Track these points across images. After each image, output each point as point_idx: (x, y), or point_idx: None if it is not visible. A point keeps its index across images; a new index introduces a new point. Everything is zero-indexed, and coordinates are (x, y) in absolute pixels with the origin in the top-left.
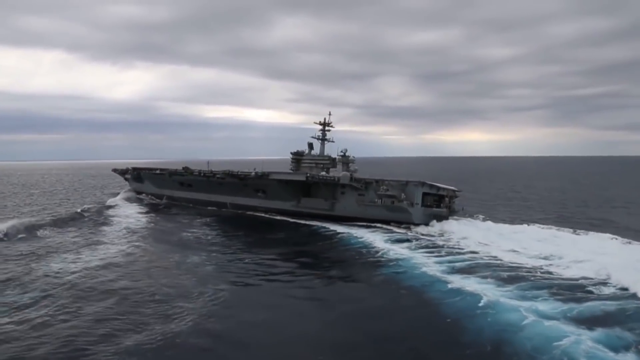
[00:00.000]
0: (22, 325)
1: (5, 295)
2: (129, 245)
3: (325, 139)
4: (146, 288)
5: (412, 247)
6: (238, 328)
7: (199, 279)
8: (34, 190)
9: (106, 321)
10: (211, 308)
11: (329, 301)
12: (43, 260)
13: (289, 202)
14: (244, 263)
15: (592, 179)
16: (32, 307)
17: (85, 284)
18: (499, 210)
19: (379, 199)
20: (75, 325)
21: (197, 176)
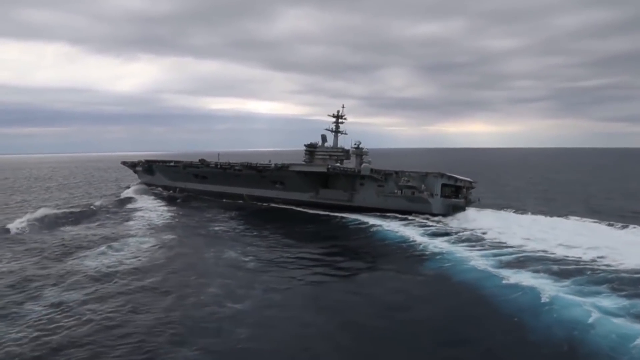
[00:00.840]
0: (85, 324)
1: (47, 292)
2: (161, 240)
3: (338, 131)
4: (192, 288)
5: (452, 241)
6: (299, 333)
7: (242, 277)
8: (48, 183)
9: (164, 326)
10: (264, 310)
11: (381, 298)
12: (79, 255)
13: (307, 193)
14: (284, 258)
15: (606, 171)
16: (84, 306)
17: (132, 283)
18: (526, 202)
19: (398, 190)
20: (131, 329)
21: (213, 168)
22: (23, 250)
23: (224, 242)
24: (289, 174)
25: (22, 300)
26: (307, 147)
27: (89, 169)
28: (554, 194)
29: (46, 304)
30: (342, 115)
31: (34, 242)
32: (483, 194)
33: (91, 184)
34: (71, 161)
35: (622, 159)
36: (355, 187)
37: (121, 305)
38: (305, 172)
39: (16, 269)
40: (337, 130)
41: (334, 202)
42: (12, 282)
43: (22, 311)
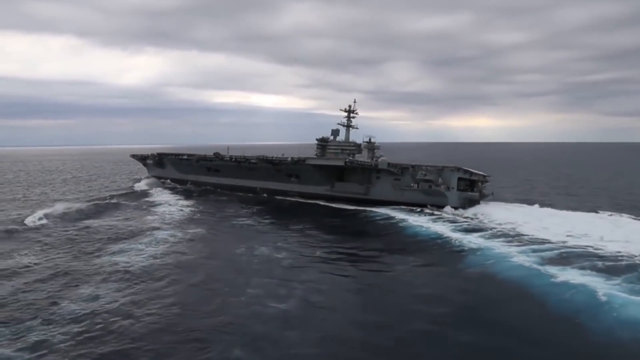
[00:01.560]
0: (130, 325)
1: (84, 289)
2: (188, 234)
3: (350, 126)
4: (232, 287)
5: (487, 236)
6: (354, 336)
7: (279, 274)
8: (63, 176)
9: (213, 327)
10: (311, 311)
11: (429, 297)
12: (109, 250)
13: (322, 186)
14: (318, 255)
15: (620, 166)
16: (125, 304)
17: (169, 281)
18: (551, 197)
19: (415, 184)
20: (179, 329)
21: (228, 161)
22: (52, 245)
23: (252, 238)
24: (305, 167)
25: (60, 297)
26: (319, 141)
27: (99, 162)
28: (575, 189)
29: (86, 303)
30: (354, 110)
31: (60, 237)
32: (506, 189)
33: (107, 177)
34: (78, 154)
35: (634, 154)
36: (372, 180)
37: (164, 305)
38: (322, 165)
39: (49, 265)
40: (349, 125)
41: (349, 196)
42: (47, 278)
43: (62, 310)
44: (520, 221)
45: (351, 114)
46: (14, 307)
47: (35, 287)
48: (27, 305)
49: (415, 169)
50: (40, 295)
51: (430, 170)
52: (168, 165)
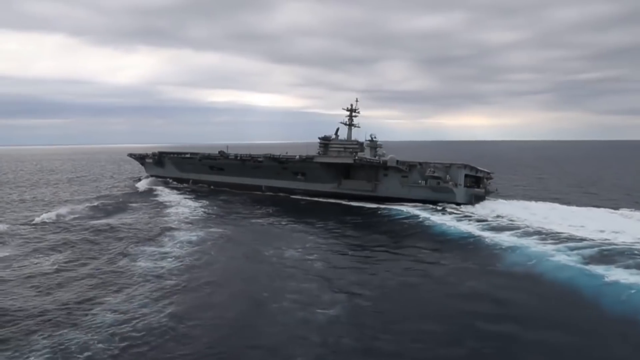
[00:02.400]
0: (166, 333)
1: (112, 295)
2: (209, 235)
3: (352, 124)
4: (269, 292)
5: (519, 235)
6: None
7: (316, 278)
8: (65, 176)
9: (258, 335)
10: (361, 318)
11: (477, 300)
12: (130, 252)
13: (329, 184)
14: (350, 256)
15: (621, 164)
16: (157, 311)
17: (201, 285)
18: (570, 195)
19: (423, 180)
20: (221, 338)
21: (233, 160)
22: (73, 248)
23: (278, 239)
24: (312, 165)
25: (95, 304)
26: (322, 139)
27: (100, 161)
28: (587, 186)
29: (123, 313)
30: (356, 108)
31: (79, 239)
32: (519, 186)
33: (110, 176)
34: (73, 153)
35: (631, 151)
36: (379, 177)
37: (201, 313)
38: (329, 163)
39: (79, 270)
40: (351, 123)
41: (357, 193)
42: (79, 284)
43: (100, 319)
44: (543, 218)
45: (353, 112)
46: (50, 315)
47: (68, 292)
48: (64, 313)
49: (423, 166)
50: (74, 301)
51: (438, 168)
52: (168, 164)
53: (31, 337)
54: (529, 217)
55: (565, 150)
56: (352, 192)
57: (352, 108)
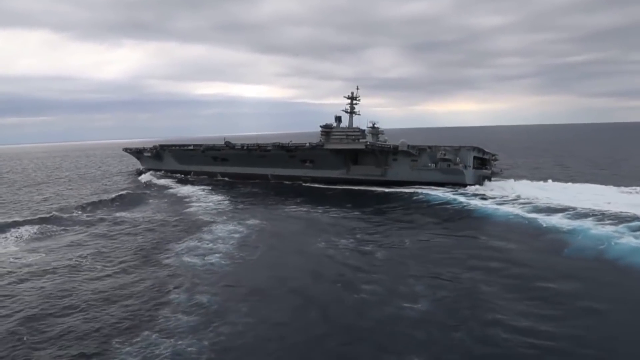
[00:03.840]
0: (244, 336)
1: (175, 295)
2: (248, 227)
3: (353, 112)
4: (343, 286)
5: (570, 216)
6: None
7: (384, 269)
8: (72, 172)
9: (346, 332)
10: (451, 309)
11: (577, 290)
12: (173, 249)
13: (338, 170)
14: (407, 245)
15: (624, 145)
16: (226, 312)
17: (263, 281)
18: (597, 176)
19: (433, 163)
20: (312, 337)
21: (239, 150)
22: (111, 245)
23: (322, 229)
24: (321, 152)
25: (161, 304)
26: (323, 127)
27: (98, 157)
28: (604, 166)
29: (197, 313)
30: (357, 96)
31: (115, 235)
32: (539, 169)
33: (119, 173)
34: (61, 150)
35: (627, 133)
36: (388, 162)
37: (280, 311)
38: (338, 149)
39: (124, 270)
40: (352, 111)
41: (366, 178)
42: (132, 287)
43: (172, 320)
44: (574, 197)
45: (354, 100)
46: (118, 318)
47: (129, 294)
48: (133, 316)
49: (433, 150)
50: (139, 302)
51: (448, 150)
52: (167, 157)
53: (110, 343)
54: (554, 195)
55: (555, 134)
56: (361, 177)
57: (353, 96)
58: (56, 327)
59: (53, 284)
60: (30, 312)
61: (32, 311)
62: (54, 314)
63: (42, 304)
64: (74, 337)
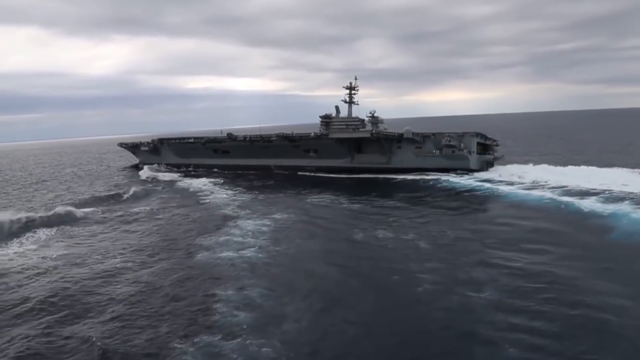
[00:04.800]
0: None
1: (224, 292)
2: (276, 221)
3: (352, 102)
4: (400, 275)
5: (604, 200)
6: None
7: (434, 257)
8: (78, 169)
9: (433, 330)
10: (519, 300)
11: None
12: (200, 244)
13: (342, 159)
14: (450, 234)
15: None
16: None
17: (321, 277)
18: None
19: (437, 150)
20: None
21: (241, 141)
22: (137, 240)
23: (355, 219)
24: (325, 142)
25: (210, 302)
26: (323, 118)
27: (95, 153)
28: (617, 151)
29: (241, 308)
30: (355, 86)
31: (136, 231)
32: (553, 155)
33: (124, 168)
34: (54, 147)
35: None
36: (393, 150)
37: (343, 306)
38: (342, 138)
39: (161, 268)
40: (351, 101)
41: (370, 166)
42: (175, 285)
43: (230, 318)
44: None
45: (352, 90)
46: (171, 317)
47: (175, 292)
48: (186, 314)
49: (437, 136)
50: (187, 298)
51: (452, 137)
52: (165, 151)
53: (170, 344)
54: (564, 179)
55: (545, 120)
56: (365, 165)
57: (352, 86)
58: (113, 328)
59: (92, 284)
60: (79, 312)
61: (79, 311)
62: (104, 314)
63: (89, 304)
64: (132, 338)
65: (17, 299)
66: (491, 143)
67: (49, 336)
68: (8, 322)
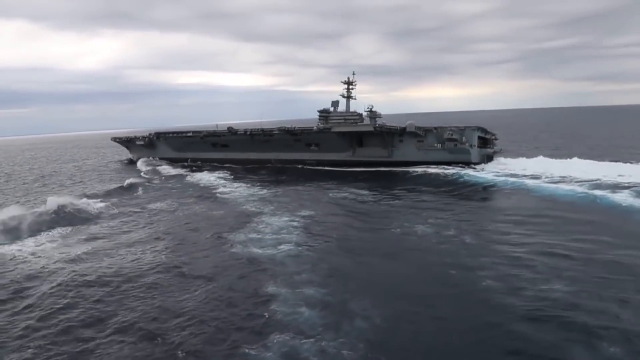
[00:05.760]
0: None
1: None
2: (304, 217)
3: (350, 97)
4: (459, 270)
5: (635, 194)
6: None
7: (487, 254)
8: (80, 164)
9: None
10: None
11: None
12: (231, 239)
13: (343, 152)
14: (492, 229)
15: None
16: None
17: (379, 279)
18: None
19: (439, 143)
20: None
21: (241, 135)
22: (170, 236)
23: (384, 212)
24: (328, 136)
25: (262, 304)
26: (321, 112)
27: (91, 148)
28: (615, 145)
29: (302, 305)
30: (353, 81)
31: (162, 227)
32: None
33: (127, 162)
34: (45, 142)
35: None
36: (394, 143)
37: (403, 300)
38: (344, 132)
39: (199, 270)
40: (349, 96)
41: (372, 159)
42: (217, 286)
43: (292, 318)
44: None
45: (350, 85)
46: (230, 318)
47: (222, 288)
48: (245, 315)
49: (439, 130)
50: (239, 297)
51: (454, 130)
52: (161, 145)
53: (240, 348)
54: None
55: (536, 117)
56: (367, 159)
57: (350, 81)
58: (175, 330)
59: (141, 288)
60: (135, 318)
61: (136, 317)
62: (160, 318)
63: (142, 310)
64: (198, 342)
65: (59, 305)
66: (490, 137)
67: (112, 341)
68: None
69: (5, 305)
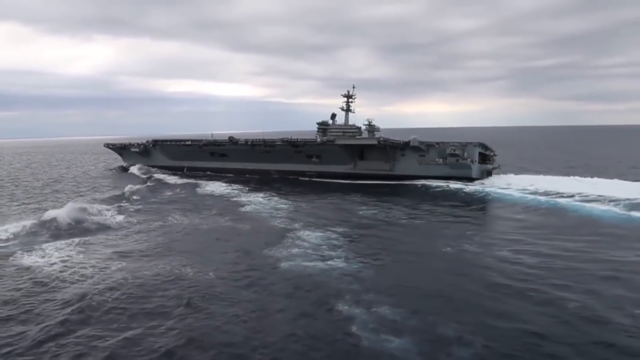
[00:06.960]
0: None
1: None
2: (345, 234)
3: (349, 110)
4: (540, 292)
5: None
6: None
7: (556, 278)
8: (79, 170)
9: None
10: None
11: None
12: (274, 256)
13: (344, 165)
14: (544, 249)
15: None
16: None
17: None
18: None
19: (441, 158)
20: None
21: (242, 145)
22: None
23: (426, 233)
24: (330, 148)
25: (339, 325)
26: (320, 124)
27: (82, 154)
28: (623, 165)
29: (390, 328)
30: (352, 94)
31: (191, 246)
32: (574, 168)
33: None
34: (36, 146)
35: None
36: (396, 157)
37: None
38: (346, 145)
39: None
40: (348, 109)
41: (373, 173)
42: (280, 308)
43: (385, 344)
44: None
45: (349, 98)
46: (314, 343)
47: (287, 310)
48: (329, 339)
49: (441, 146)
50: (310, 320)
51: (456, 146)
52: (156, 152)
53: None
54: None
55: (527, 135)
56: (368, 172)
57: (349, 94)
58: None
59: (199, 312)
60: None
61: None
62: (225, 343)
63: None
64: None
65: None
66: (490, 153)
67: None
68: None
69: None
